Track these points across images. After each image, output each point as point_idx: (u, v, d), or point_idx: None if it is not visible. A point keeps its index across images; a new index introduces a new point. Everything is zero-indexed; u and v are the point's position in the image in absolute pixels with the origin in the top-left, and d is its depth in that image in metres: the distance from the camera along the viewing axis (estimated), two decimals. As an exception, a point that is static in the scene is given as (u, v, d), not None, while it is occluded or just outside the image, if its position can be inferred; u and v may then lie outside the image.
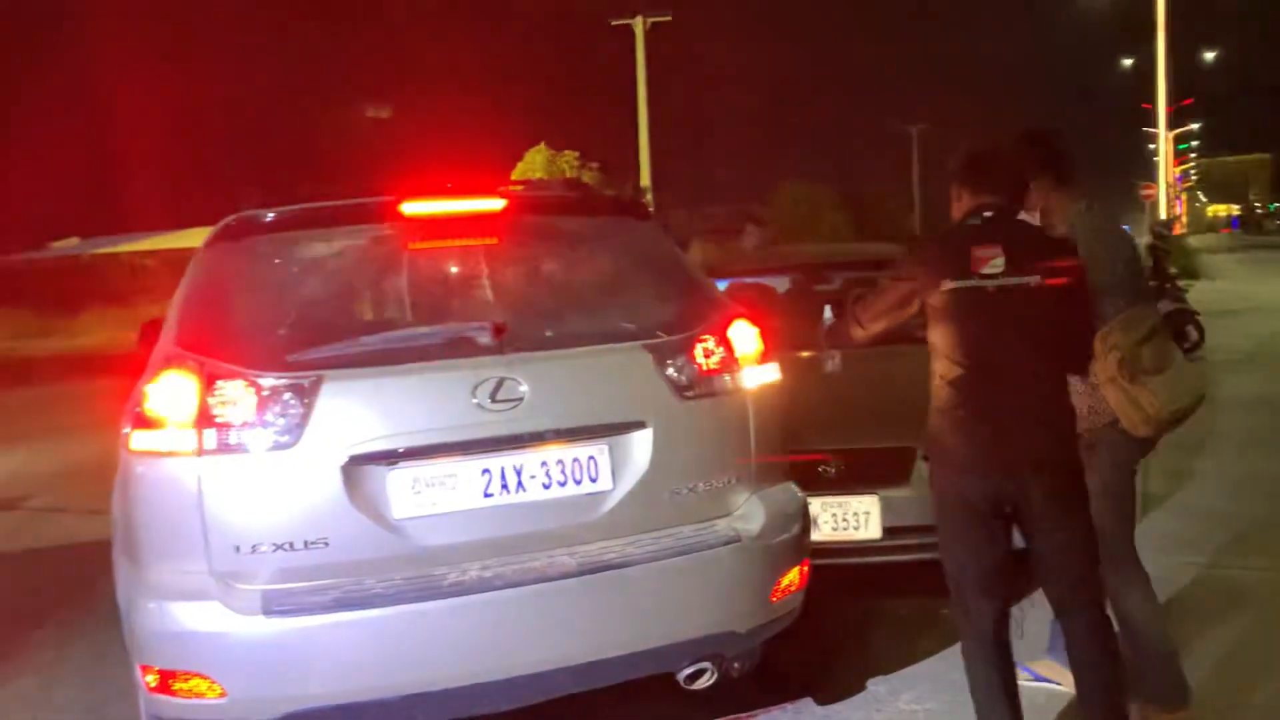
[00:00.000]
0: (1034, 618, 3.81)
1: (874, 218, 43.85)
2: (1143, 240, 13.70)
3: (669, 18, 34.79)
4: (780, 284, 6.55)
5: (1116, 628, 3.14)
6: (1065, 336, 3.02)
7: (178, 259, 5.75)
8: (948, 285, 2.96)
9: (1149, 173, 42.68)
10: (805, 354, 4.89)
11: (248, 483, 2.78)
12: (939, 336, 3.03)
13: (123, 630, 2.92)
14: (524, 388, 2.94)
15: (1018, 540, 3.06)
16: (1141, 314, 3.26)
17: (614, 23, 34.82)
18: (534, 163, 31.67)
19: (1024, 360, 2.95)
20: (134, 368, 4.63)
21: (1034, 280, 2.93)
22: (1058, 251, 3.03)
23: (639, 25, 34.25)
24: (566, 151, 32.74)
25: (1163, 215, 32.85)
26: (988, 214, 3.04)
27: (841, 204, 43.91)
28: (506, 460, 2.94)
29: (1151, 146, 42.19)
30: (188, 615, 2.73)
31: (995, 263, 2.94)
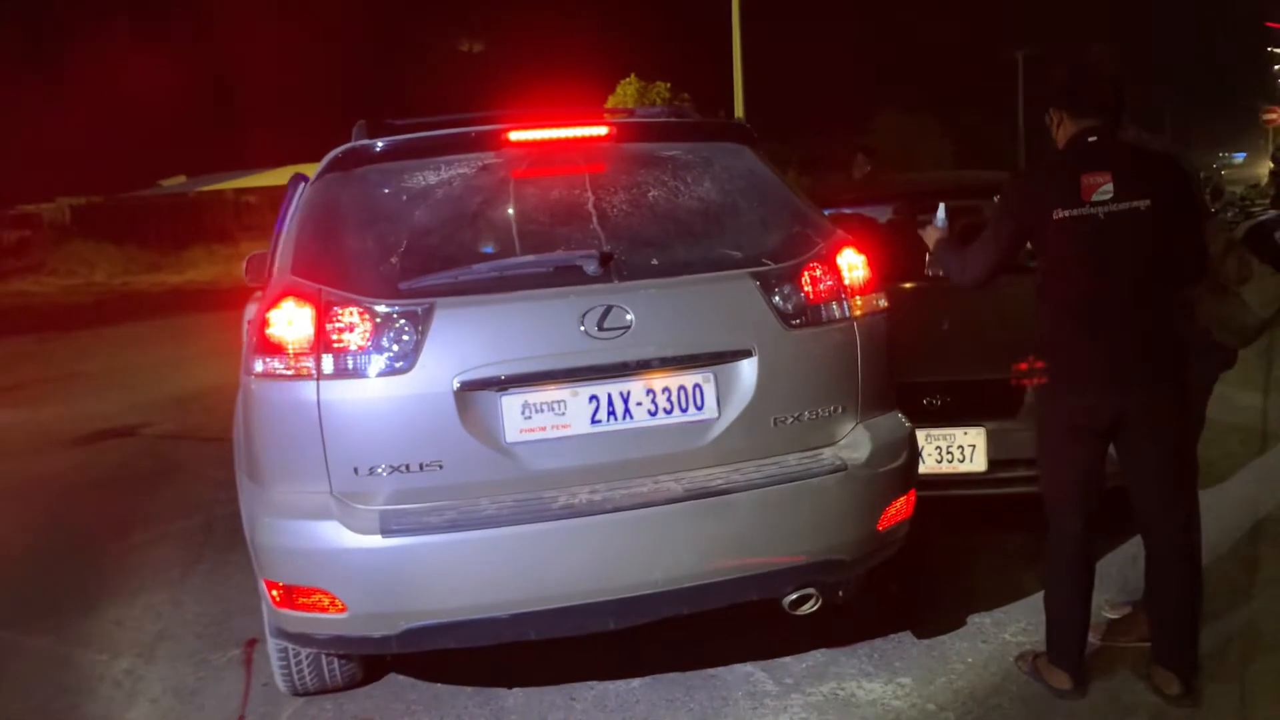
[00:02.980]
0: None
1: (977, 147, 42.56)
2: (1265, 166, 13.09)
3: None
4: (881, 214, 6.43)
5: None
6: (1175, 252, 3.04)
7: (279, 196, 5.87)
8: (1059, 214, 3.03)
9: (1272, 96, 40.45)
10: (908, 285, 4.81)
11: (365, 406, 2.86)
12: (1049, 262, 3.11)
13: (248, 547, 3.05)
14: (630, 316, 2.95)
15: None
16: (1217, 227, 3.31)
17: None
18: (625, 95, 31.40)
19: (1134, 279, 3.00)
20: (243, 300, 4.81)
21: (1144, 204, 2.97)
22: (1165, 170, 3.04)
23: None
24: (658, 83, 32.35)
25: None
26: (1092, 138, 3.06)
27: (943, 133, 42.67)
28: (613, 387, 2.97)
29: (1277, 68, 39.90)
30: (309, 534, 2.84)
31: (1105, 189, 2.98)
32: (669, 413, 3.00)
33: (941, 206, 3.58)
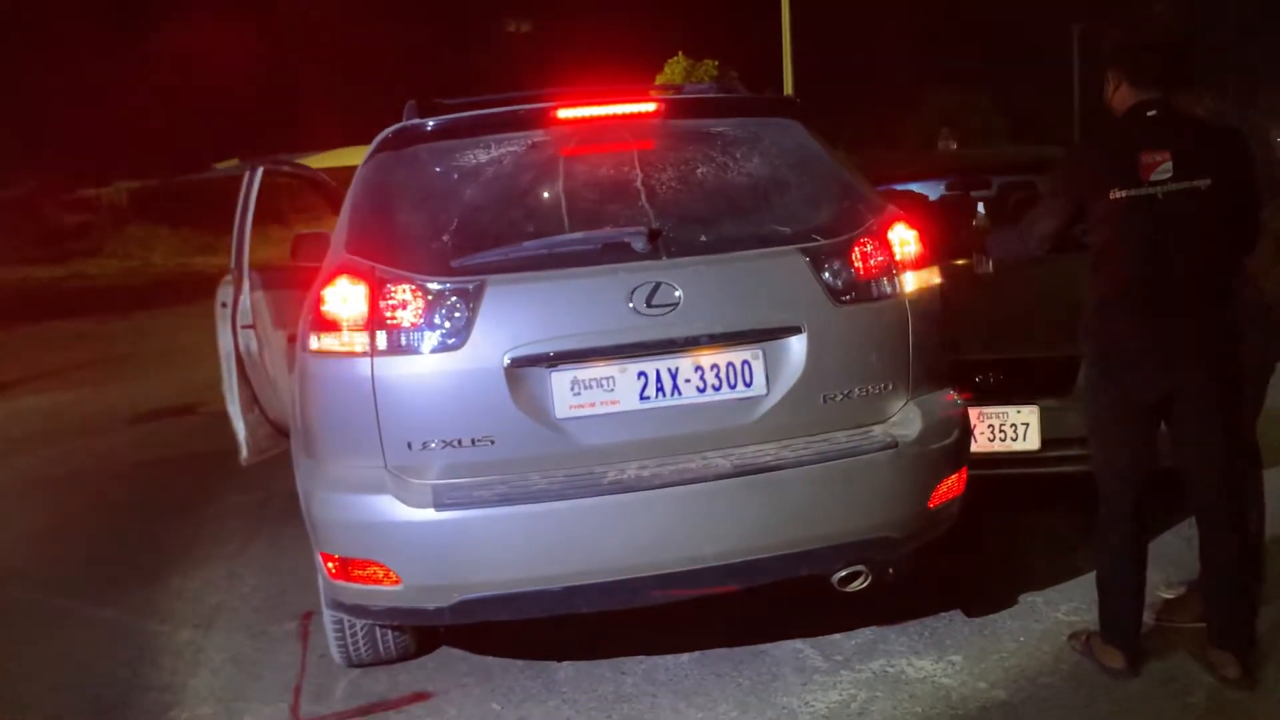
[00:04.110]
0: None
1: (1030, 123, 41.79)
2: None
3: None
4: (933, 190, 6.35)
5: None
6: (1233, 227, 2.99)
7: (333, 177, 5.98)
8: (1117, 194, 2.96)
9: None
10: (960, 261, 4.75)
11: (418, 382, 2.89)
12: (1104, 238, 3.04)
13: (304, 520, 3.11)
14: (679, 293, 2.95)
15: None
16: None
17: (756, -74, 33.71)
18: (673, 73, 31.23)
19: (1190, 258, 2.95)
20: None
21: (1204, 183, 2.91)
22: (1229, 146, 2.98)
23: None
24: (706, 60, 32.14)
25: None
26: (1151, 112, 2.98)
27: (995, 110, 41.94)
28: (662, 364, 2.97)
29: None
30: (364, 507, 2.89)
31: (1164, 168, 2.93)
32: (717, 389, 3.00)
33: (980, 206, 3.55)
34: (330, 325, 2.94)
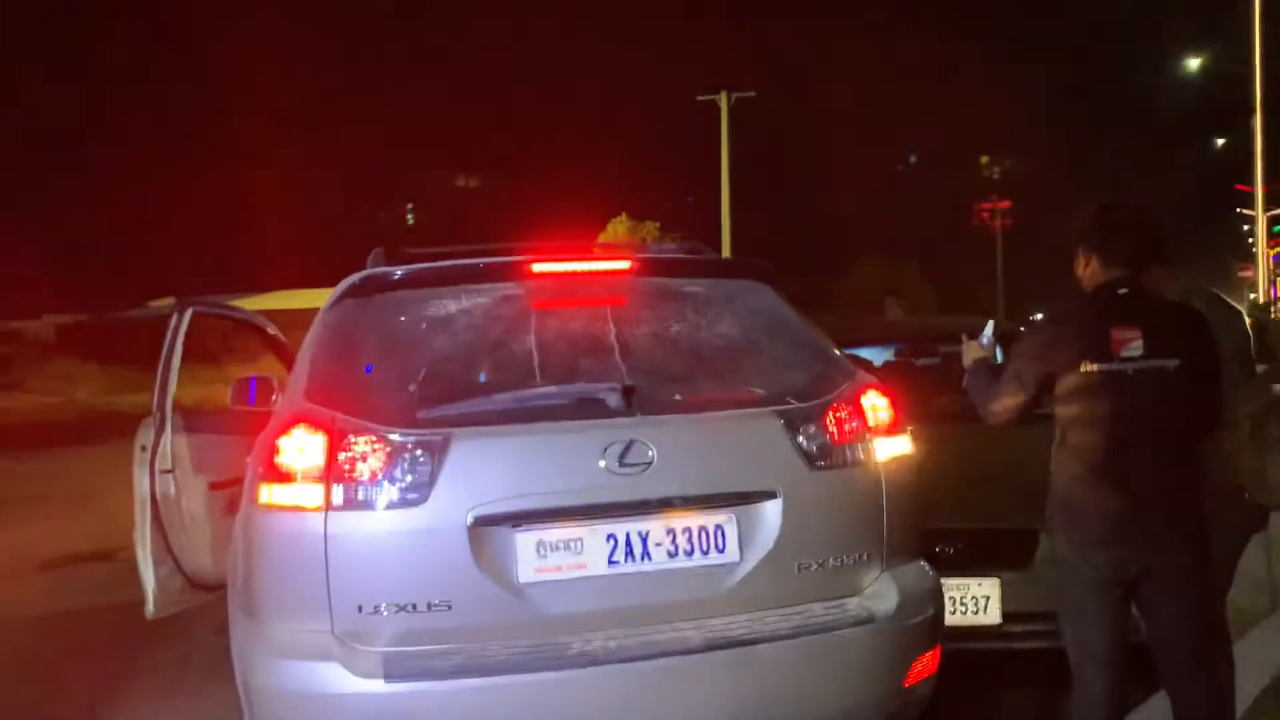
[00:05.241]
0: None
1: (956, 293, 43.45)
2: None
3: (753, 93, 35.24)
4: (878, 356, 6.41)
5: None
6: (1199, 407, 3.02)
7: (269, 319, 5.92)
8: (1087, 367, 2.97)
9: (1244, 253, 41.65)
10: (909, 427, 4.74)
11: (373, 541, 2.74)
12: (1072, 412, 3.04)
13: (238, 688, 2.87)
14: (653, 451, 2.86)
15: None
16: (1263, 382, 3.31)
17: (700, 98, 35.33)
18: (616, 233, 32.03)
19: (1160, 435, 2.97)
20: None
21: (1172, 364, 2.95)
22: (1194, 327, 3.04)
23: (723, 100, 34.70)
24: (647, 222, 33.07)
25: (1261, 297, 31.97)
26: (1122, 290, 3.04)
27: (922, 279, 43.57)
28: (632, 526, 2.86)
29: (1246, 227, 41.20)
30: (308, 676, 2.68)
31: (1134, 345, 2.95)
32: (689, 554, 2.88)
33: (990, 324, 3.52)
34: (283, 477, 2.78)
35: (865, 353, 6.30)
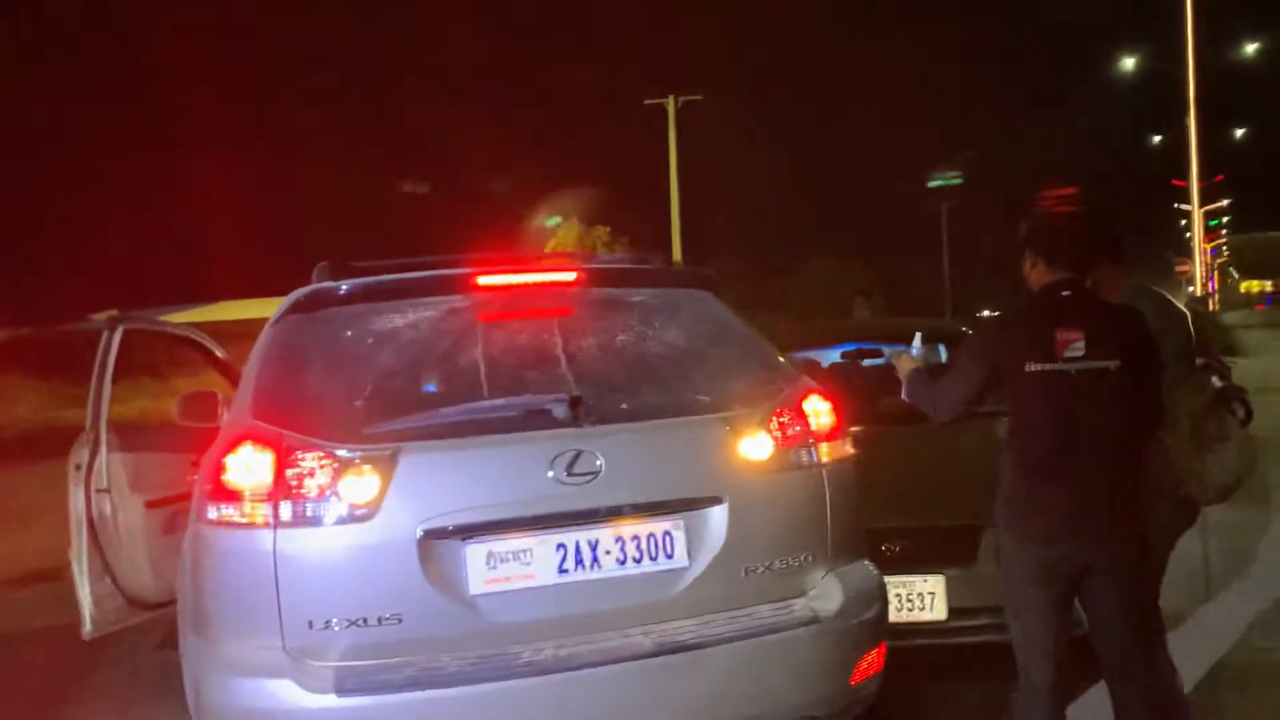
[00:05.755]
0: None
1: (905, 292, 43.92)
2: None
3: (700, 97, 35.44)
4: (825, 358, 6.48)
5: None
6: (1139, 407, 3.09)
7: (214, 333, 5.90)
8: (1031, 367, 3.04)
9: (1181, 247, 42.64)
10: (855, 429, 4.82)
11: (323, 556, 2.75)
12: (1017, 411, 3.12)
13: (189, 705, 2.86)
14: (600, 461, 2.90)
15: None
16: (1202, 382, 3.39)
17: (647, 102, 35.45)
18: (565, 239, 31.97)
19: (1101, 434, 3.03)
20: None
21: (1113, 365, 3.02)
22: (1134, 330, 3.12)
23: (671, 104, 34.85)
24: (598, 227, 33.07)
25: (1198, 291, 32.73)
26: (1066, 292, 3.11)
27: (873, 279, 43.99)
28: (582, 535, 2.89)
29: (1183, 222, 42.18)
30: (260, 693, 2.68)
31: (1077, 346, 3.02)
32: (639, 561, 2.93)
33: (918, 336, 3.57)
34: (231, 495, 2.78)
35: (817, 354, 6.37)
